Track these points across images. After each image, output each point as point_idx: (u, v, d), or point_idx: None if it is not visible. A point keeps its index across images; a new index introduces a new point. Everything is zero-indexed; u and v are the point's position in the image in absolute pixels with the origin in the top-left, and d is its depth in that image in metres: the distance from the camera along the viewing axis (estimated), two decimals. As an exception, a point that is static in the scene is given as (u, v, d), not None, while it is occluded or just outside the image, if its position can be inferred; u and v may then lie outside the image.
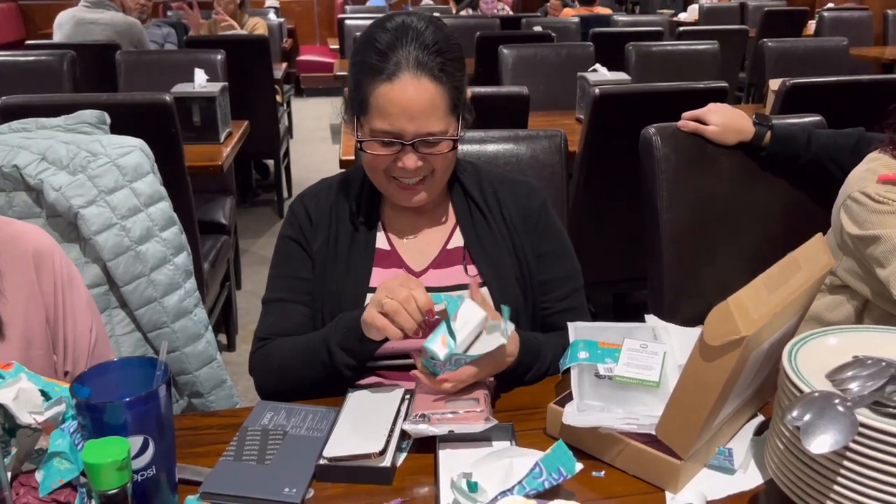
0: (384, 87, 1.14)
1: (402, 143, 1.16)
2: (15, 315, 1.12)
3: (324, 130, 7.06)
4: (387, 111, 1.15)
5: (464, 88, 1.22)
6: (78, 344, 1.20)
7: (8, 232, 1.15)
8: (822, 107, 1.90)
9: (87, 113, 1.71)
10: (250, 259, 3.94)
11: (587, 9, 6.73)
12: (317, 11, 9.98)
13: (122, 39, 3.99)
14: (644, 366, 1.05)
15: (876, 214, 1.37)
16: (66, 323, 1.18)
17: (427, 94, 1.14)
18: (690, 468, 0.96)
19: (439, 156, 1.19)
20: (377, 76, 1.15)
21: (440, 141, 1.18)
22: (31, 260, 1.15)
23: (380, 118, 1.16)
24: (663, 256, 1.69)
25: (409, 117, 1.14)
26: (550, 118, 3.21)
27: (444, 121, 1.17)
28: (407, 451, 1.03)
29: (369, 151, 1.19)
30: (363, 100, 1.17)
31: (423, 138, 1.16)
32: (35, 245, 1.16)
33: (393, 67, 1.14)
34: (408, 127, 1.15)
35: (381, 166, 1.20)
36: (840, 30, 5.44)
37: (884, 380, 0.86)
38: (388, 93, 1.14)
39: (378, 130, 1.17)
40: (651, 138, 1.69)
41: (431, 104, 1.15)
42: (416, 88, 1.14)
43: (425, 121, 1.15)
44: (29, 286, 1.14)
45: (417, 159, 1.18)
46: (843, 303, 1.53)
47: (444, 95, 1.16)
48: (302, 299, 1.28)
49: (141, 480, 0.85)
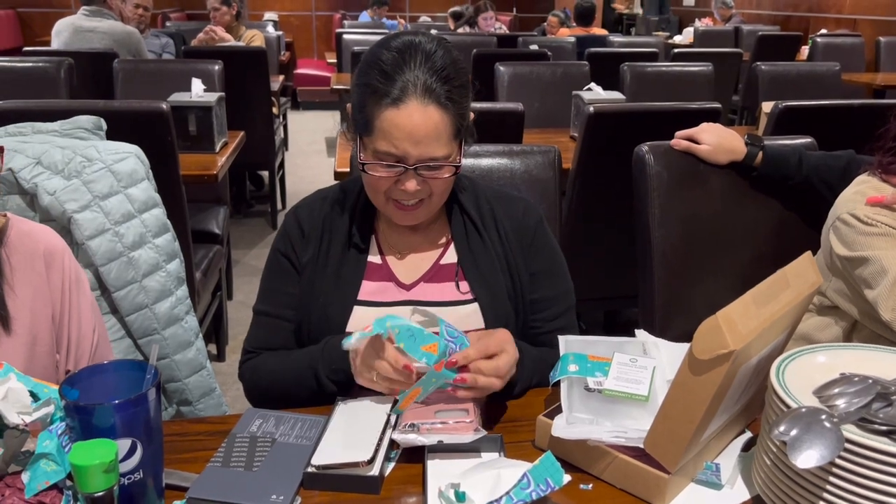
0: (390, 112, 1.13)
1: (405, 167, 1.16)
2: (23, 311, 1.13)
3: (319, 143, 7.08)
4: (391, 135, 1.14)
5: (468, 114, 1.22)
6: (81, 344, 1.21)
7: (21, 230, 1.16)
8: (814, 130, 1.92)
9: (84, 118, 1.72)
10: (242, 270, 3.93)
11: (584, 29, 6.79)
12: (315, 26, 10.04)
13: (119, 48, 4.00)
14: (633, 380, 1.05)
15: (864, 236, 1.39)
16: (72, 322, 1.20)
17: (432, 121, 1.14)
18: (678, 482, 0.96)
19: (440, 180, 1.20)
20: (383, 99, 1.14)
21: (442, 166, 1.18)
22: (41, 258, 1.16)
23: (384, 141, 1.15)
24: (654, 274, 1.70)
25: (414, 142, 1.14)
26: (545, 135, 3.23)
27: (448, 146, 1.17)
28: (395, 461, 1.03)
29: (372, 173, 1.19)
30: (367, 121, 1.16)
31: (426, 163, 1.16)
32: (46, 244, 1.18)
33: (399, 92, 1.13)
34: (412, 151, 1.15)
35: (381, 188, 1.20)
36: (833, 55, 5.49)
37: (870, 397, 0.87)
38: (393, 118, 1.13)
39: (381, 152, 1.16)
40: (644, 156, 1.70)
41: (436, 131, 1.15)
42: (421, 115, 1.13)
43: (429, 146, 1.15)
44: (38, 284, 1.15)
45: (418, 183, 1.18)
46: (831, 323, 1.54)
47: (449, 122, 1.16)
48: (287, 315, 1.29)
49: (128, 484, 0.85)
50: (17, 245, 1.14)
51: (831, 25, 7.68)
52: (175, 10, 8.75)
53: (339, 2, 9.91)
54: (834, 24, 7.68)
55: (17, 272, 1.13)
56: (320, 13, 9.99)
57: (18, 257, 1.14)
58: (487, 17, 7.11)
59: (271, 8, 9.58)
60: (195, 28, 4.81)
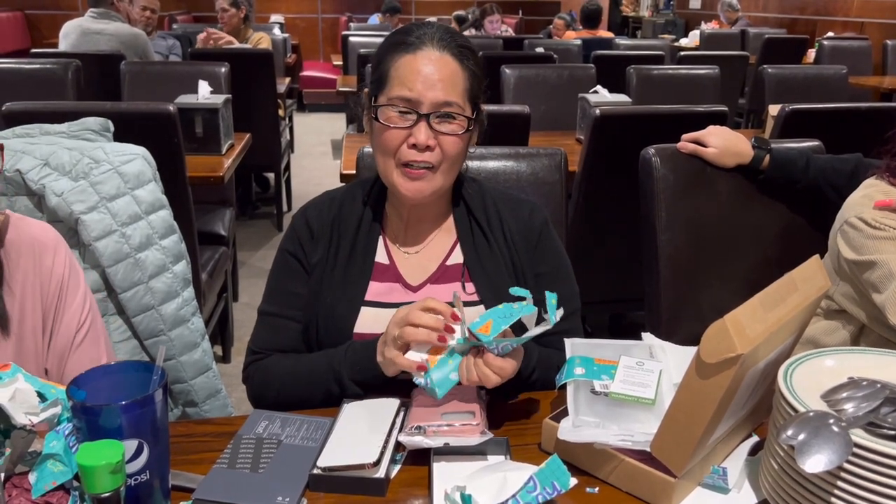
0: (407, 57, 1.18)
1: (418, 114, 1.17)
2: (15, 309, 1.13)
3: (325, 145, 7.09)
4: (407, 78, 1.17)
5: (481, 84, 1.24)
6: (58, 343, 1.18)
7: (17, 227, 1.16)
8: (821, 133, 1.92)
9: (91, 120, 1.72)
10: (248, 271, 3.94)
11: (590, 32, 6.79)
12: (321, 28, 10.06)
13: (126, 50, 4.02)
14: (640, 383, 1.05)
15: (872, 240, 1.38)
16: (56, 320, 1.18)
17: (448, 67, 1.18)
18: (685, 486, 0.96)
19: (450, 140, 1.19)
20: (400, 47, 1.19)
21: (455, 117, 1.18)
22: (35, 254, 1.15)
23: (399, 85, 1.17)
24: (661, 277, 1.70)
25: (429, 84, 1.16)
26: (551, 138, 3.23)
27: (462, 99, 1.19)
28: (401, 463, 1.03)
29: (384, 122, 1.19)
30: (383, 74, 1.20)
31: (440, 110, 1.17)
32: (41, 239, 1.17)
33: (416, 40, 1.18)
34: (426, 94, 1.16)
35: (393, 146, 1.19)
36: (840, 58, 5.48)
37: (878, 401, 0.87)
38: (410, 62, 1.17)
39: (396, 97, 1.17)
40: (650, 159, 1.70)
41: (452, 77, 1.18)
42: (438, 59, 1.18)
43: (444, 90, 1.17)
44: (30, 280, 1.15)
45: (430, 136, 1.17)
46: (839, 327, 1.54)
47: (464, 76, 1.19)
48: (294, 315, 1.28)
49: (134, 485, 0.85)
50: (14, 243, 1.14)
51: (838, 28, 7.66)
52: (182, 12, 8.78)
53: (345, 4, 9.93)
54: (841, 27, 7.67)
55: (14, 271, 1.13)
56: (326, 15, 10.01)
57: (15, 256, 1.13)
58: (493, 20, 7.12)
59: (277, 10, 9.60)
60: (202, 30, 4.81)
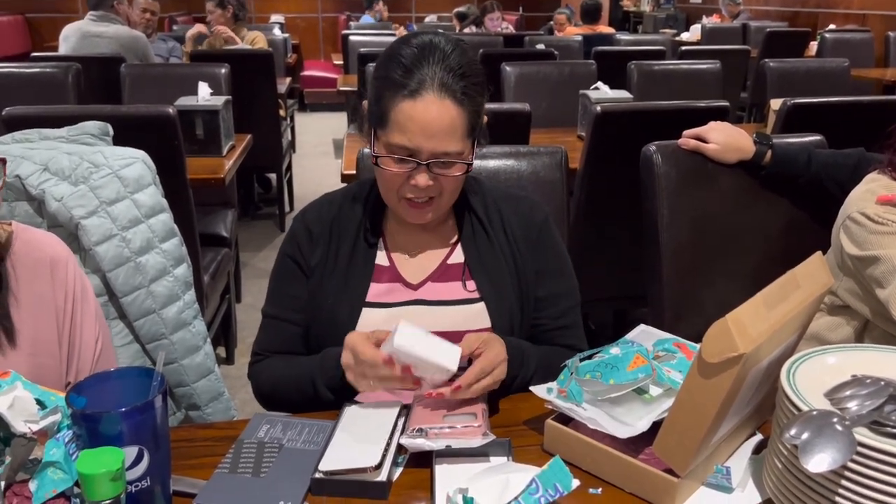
0: (406, 104, 1.14)
1: (418, 162, 1.17)
2: (27, 322, 1.12)
3: (326, 146, 7.09)
4: (406, 127, 1.15)
5: (482, 112, 1.22)
6: (83, 354, 1.19)
7: (25, 239, 1.15)
8: (823, 127, 1.90)
9: (90, 124, 1.72)
10: (251, 272, 3.94)
11: (590, 27, 6.78)
12: (321, 27, 10.06)
13: (127, 53, 4.02)
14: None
15: (875, 235, 1.37)
16: (74, 332, 1.18)
17: (448, 115, 1.14)
18: (688, 486, 0.96)
19: (451, 178, 1.20)
20: (400, 91, 1.15)
21: (454, 163, 1.19)
22: (46, 267, 1.15)
23: (399, 133, 1.16)
24: (663, 274, 1.69)
25: (428, 135, 1.14)
26: (552, 135, 3.22)
27: (461, 143, 1.17)
28: (403, 466, 1.03)
29: (384, 168, 1.19)
30: (383, 114, 1.17)
31: (438, 159, 1.17)
32: (51, 253, 1.17)
33: (416, 85, 1.14)
34: (425, 145, 1.15)
35: (394, 185, 1.20)
36: (841, 51, 5.46)
37: (882, 399, 0.86)
38: (409, 110, 1.14)
39: (395, 145, 1.17)
40: (652, 156, 1.69)
41: (451, 125, 1.15)
42: (438, 108, 1.14)
43: (442, 141, 1.15)
44: (43, 293, 1.14)
45: (429, 179, 1.18)
46: (842, 323, 1.53)
47: (464, 118, 1.16)
48: (294, 318, 1.30)
49: (135, 492, 0.85)
50: (21, 255, 1.13)
51: (840, 21, 7.63)
52: (182, 13, 8.77)
53: (345, 3, 9.92)
54: (843, 20, 7.64)
55: (23, 283, 1.12)
56: (326, 15, 10.01)
57: (23, 268, 1.13)
58: (494, 17, 7.11)
59: (277, 10, 9.60)
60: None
